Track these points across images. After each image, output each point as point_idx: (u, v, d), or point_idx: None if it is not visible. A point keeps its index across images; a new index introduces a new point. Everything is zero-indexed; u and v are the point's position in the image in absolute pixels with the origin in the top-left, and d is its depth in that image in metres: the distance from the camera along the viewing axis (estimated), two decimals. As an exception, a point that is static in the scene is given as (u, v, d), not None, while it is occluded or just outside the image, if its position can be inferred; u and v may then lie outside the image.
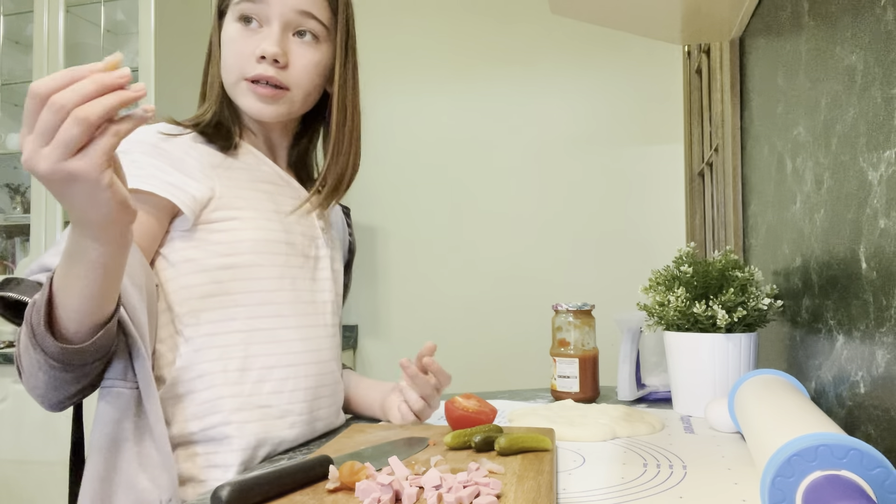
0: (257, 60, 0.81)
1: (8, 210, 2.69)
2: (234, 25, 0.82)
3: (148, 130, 0.79)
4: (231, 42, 0.82)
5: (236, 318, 0.79)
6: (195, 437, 0.76)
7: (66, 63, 2.39)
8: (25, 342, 0.63)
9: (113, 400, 0.70)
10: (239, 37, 0.82)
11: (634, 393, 1.05)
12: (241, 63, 0.82)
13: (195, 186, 0.77)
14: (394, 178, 2.54)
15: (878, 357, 0.61)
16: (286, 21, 0.81)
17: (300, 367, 0.84)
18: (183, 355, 0.77)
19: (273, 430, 0.80)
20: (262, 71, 0.81)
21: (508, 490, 0.55)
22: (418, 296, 2.53)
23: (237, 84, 0.83)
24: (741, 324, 0.90)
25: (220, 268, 0.78)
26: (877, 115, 0.61)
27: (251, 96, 0.82)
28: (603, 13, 1.25)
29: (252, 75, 0.81)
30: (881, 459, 0.45)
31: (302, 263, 0.86)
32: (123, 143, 0.76)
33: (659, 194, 2.33)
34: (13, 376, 2.13)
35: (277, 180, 0.88)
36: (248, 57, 0.81)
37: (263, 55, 0.80)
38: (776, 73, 1.03)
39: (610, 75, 2.38)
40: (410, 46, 2.56)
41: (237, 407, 0.77)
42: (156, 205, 0.75)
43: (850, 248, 0.69)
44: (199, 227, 0.78)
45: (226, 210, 0.79)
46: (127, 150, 0.76)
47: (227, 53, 0.83)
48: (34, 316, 0.61)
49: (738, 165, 1.35)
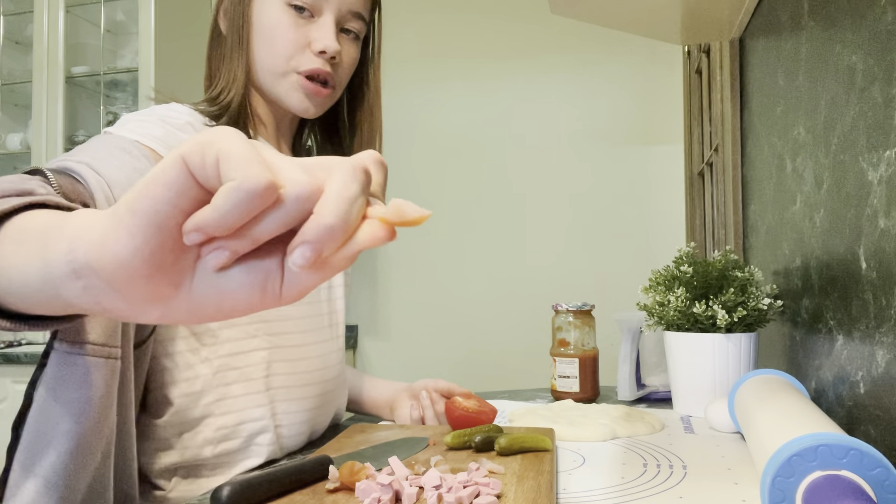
0: (316, 54, 0.76)
1: (8, 210, 2.68)
2: (282, 9, 0.75)
3: (186, 116, 0.74)
4: (281, 28, 0.75)
5: (257, 336, 0.75)
6: (206, 463, 0.72)
7: (66, 63, 2.39)
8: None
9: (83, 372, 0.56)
10: (292, 24, 0.75)
11: (634, 393, 1.05)
12: (293, 53, 0.76)
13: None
14: (393, 178, 2.54)
15: (878, 357, 0.61)
16: (340, 17, 0.77)
17: (311, 386, 0.81)
18: (201, 377, 0.71)
19: (279, 443, 0.78)
20: (321, 66, 0.76)
21: (508, 490, 0.55)
22: (418, 296, 2.53)
23: (286, 76, 0.77)
24: (741, 324, 0.90)
25: None
26: (877, 115, 0.61)
27: (299, 91, 0.77)
28: (603, 13, 1.25)
29: (307, 69, 0.76)
30: (881, 459, 0.45)
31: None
32: (145, 111, 0.72)
33: (659, 194, 2.33)
34: (13, 376, 2.13)
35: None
36: (301, 48, 0.76)
37: (324, 50, 0.75)
38: (776, 73, 1.03)
39: (610, 75, 2.38)
40: (411, 46, 2.56)
41: (258, 431, 0.74)
42: None
43: (850, 248, 0.69)
44: None
45: None
46: (157, 114, 0.71)
47: (278, 40, 0.75)
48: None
49: (738, 165, 1.35)
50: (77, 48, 2.48)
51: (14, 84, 2.57)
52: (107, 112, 2.48)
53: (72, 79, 2.43)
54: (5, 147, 2.57)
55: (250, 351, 0.74)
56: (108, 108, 2.49)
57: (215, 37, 0.81)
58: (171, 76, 2.32)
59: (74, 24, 2.47)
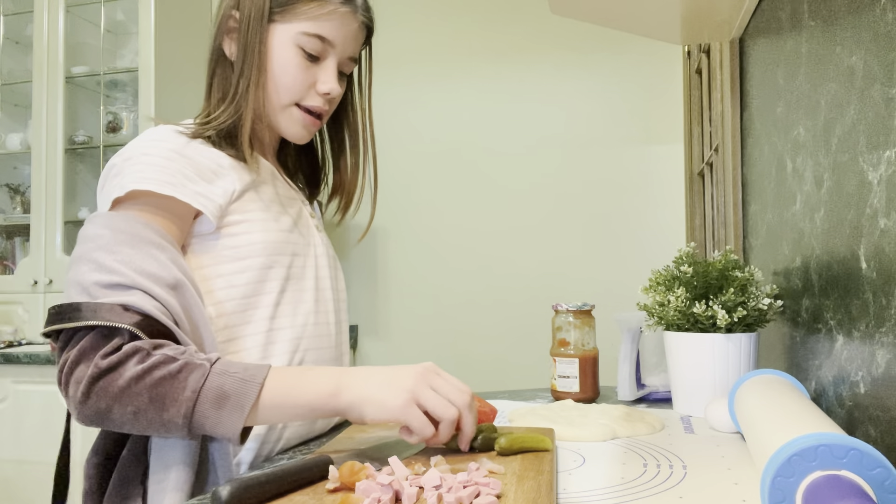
0: (320, 94, 0.86)
1: (8, 210, 2.69)
2: (294, 50, 0.83)
3: (168, 134, 0.78)
4: (292, 68, 0.83)
5: (249, 323, 0.80)
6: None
7: (65, 63, 2.39)
8: (168, 405, 0.63)
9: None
10: (302, 66, 0.84)
11: (634, 393, 1.05)
12: (300, 90, 0.85)
13: (218, 193, 0.77)
14: (393, 179, 2.54)
15: (878, 357, 0.61)
16: (341, 61, 0.87)
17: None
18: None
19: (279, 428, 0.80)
20: (321, 105, 0.87)
21: (508, 490, 0.55)
22: (418, 296, 2.53)
23: (289, 107, 0.85)
24: (741, 324, 0.90)
25: (236, 272, 0.78)
26: (877, 115, 0.61)
27: (299, 123, 0.86)
28: (603, 13, 1.25)
29: (311, 106, 0.86)
30: (881, 459, 0.45)
31: (304, 263, 0.87)
32: (145, 146, 0.76)
33: (659, 194, 2.33)
34: (13, 376, 2.13)
35: (271, 178, 0.89)
36: (307, 87, 0.85)
37: (328, 93, 0.85)
38: (776, 73, 1.03)
39: (610, 75, 2.38)
40: (410, 45, 2.56)
41: None
42: (179, 213, 0.75)
43: (850, 248, 0.69)
44: (216, 233, 0.78)
45: (238, 214, 0.80)
46: (148, 153, 0.75)
47: (287, 78, 0.84)
48: (227, 416, 0.63)
49: (738, 165, 1.35)
50: (77, 48, 2.48)
51: (14, 84, 2.57)
52: (107, 112, 2.48)
53: (72, 79, 2.43)
54: (5, 147, 2.57)
55: (249, 349, 0.80)
56: (108, 108, 2.48)
57: (218, 58, 0.86)
58: (171, 76, 2.32)
59: (74, 24, 2.47)
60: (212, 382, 0.63)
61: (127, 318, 0.64)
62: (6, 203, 2.70)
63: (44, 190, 2.39)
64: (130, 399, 0.63)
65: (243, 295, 0.79)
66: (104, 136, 2.44)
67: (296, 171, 1.00)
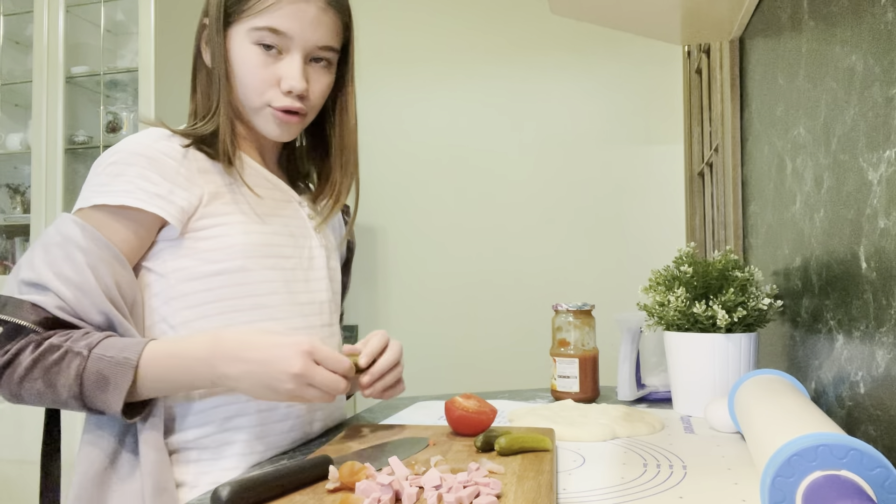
0: (284, 93, 0.81)
1: (8, 210, 2.69)
2: (251, 49, 0.80)
3: (142, 139, 0.78)
4: (251, 67, 0.81)
5: (231, 325, 0.78)
6: (190, 445, 0.77)
7: (66, 63, 2.39)
8: (54, 382, 0.69)
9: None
10: (260, 63, 0.80)
11: (634, 393, 1.05)
12: (264, 90, 0.81)
13: (183, 195, 0.76)
14: (394, 178, 2.54)
15: (878, 357, 0.61)
16: (307, 52, 0.82)
17: None
18: None
19: (270, 435, 0.80)
20: (290, 103, 0.82)
21: (508, 490, 0.55)
22: (418, 296, 2.53)
23: (261, 109, 0.83)
24: (741, 324, 0.90)
25: (212, 275, 0.78)
26: (877, 115, 0.61)
27: (274, 122, 0.83)
28: (603, 13, 1.25)
29: (279, 106, 0.82)
30: (881, 459, 0.45)
31: (295, 265, 0.86)
32: (114, 154, 0.77)
33: (659, 194, 2.33)
34: (13, 376, 2.13)
35: (265, 183, 0.87)
36: (271, 85, 0.81)
37: (291, 90, 0.81)
38: (776, 73, 1.03)
39: (610, 75, 2.38)
40: (410, 45, 2.56)
41: (235, 413, 0.77)
42: (141, 220, 0.75)
43: (850, 248, 0.69)
44: (186, 236, 0.77)
45: (212, 217, 0.79)
46: (116, 162, 0.75)
47: (249, 78, 0.81)
48: (111, 389, 0.69)
49: (738, 165, 1.35)
50: (77, 48, 2.48)
51: (14, 84, 2.57)
52: (107, 112, 2.47)
53: (72, 79, 2.43)
54: (5, 147, 2.57)
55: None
56: (107, 108, 2.48)
57: (198, 65, 0.87)
58: (171, 76, 2.32)
59: (74, 24, 2.47)
60: (91, 367, 0.69)
61: (34, 315, 0.70)
62: (6, 203, 2.70)
63: (44, 190, 2.39)
64: (31, 384, 0.70)
65: (218, 298, 0.78)
66: (104, 136, 2.43)
67: (306, 171, 0.97)
